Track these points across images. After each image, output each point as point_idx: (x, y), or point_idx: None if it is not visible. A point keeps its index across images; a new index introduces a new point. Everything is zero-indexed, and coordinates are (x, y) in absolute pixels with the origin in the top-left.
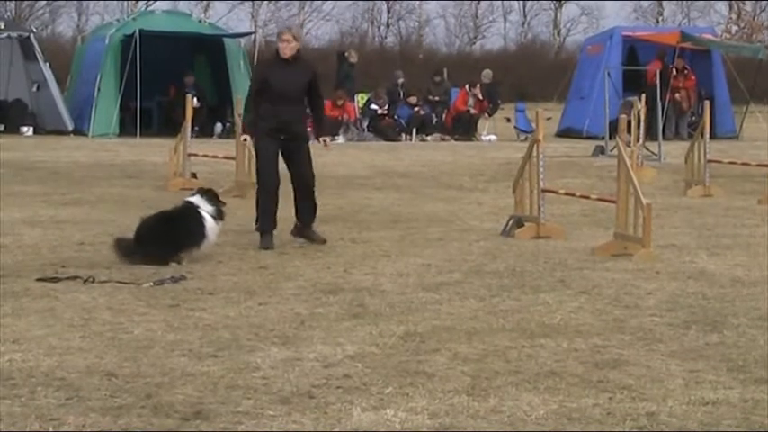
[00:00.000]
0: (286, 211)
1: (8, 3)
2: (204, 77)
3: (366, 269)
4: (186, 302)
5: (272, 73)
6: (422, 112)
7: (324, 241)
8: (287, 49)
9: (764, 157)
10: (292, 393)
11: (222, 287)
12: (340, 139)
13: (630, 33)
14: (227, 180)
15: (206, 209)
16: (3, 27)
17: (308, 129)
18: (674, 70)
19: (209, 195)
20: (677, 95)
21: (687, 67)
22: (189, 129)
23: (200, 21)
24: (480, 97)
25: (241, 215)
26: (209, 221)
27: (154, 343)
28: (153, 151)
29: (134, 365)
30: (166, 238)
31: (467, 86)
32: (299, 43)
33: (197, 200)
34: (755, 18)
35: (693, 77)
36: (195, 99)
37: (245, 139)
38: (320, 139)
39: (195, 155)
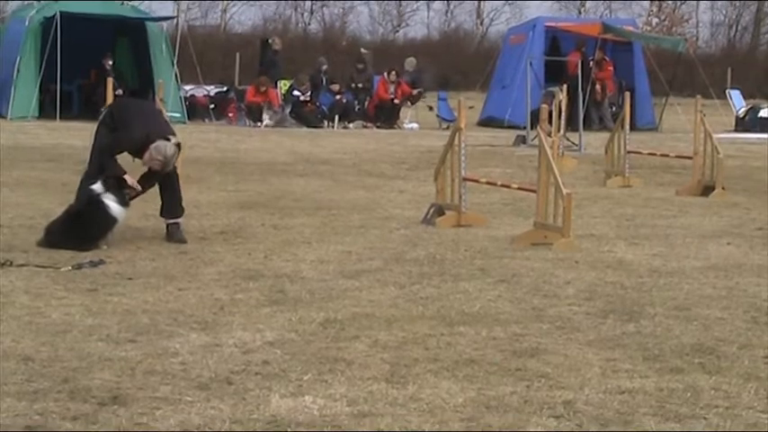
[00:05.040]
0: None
1: None
2: (126, 61)
3: (287, 256)
4: (105, 287)
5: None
6: (344, 100)
7: (184, 241)
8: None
9: (683, 149)
10: (211, 379)
11: (141, 272)
12: (267, 121)
13: (553, 24)
14: None
15: (108, 197)
16: None
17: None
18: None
19: (110, 183)
20: (597, 87)
21: (605, 57)
22: None
23: (122, 3)
24: (399, 81)
25: None
26: (113, 207)
27: (72, 327)
28: (73, 135)
29: (51, 350)
30: (77, 233)
31: (385, 74)
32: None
33: (98, 187)
34: (676, 11)
35: (610, 68)
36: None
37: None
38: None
39: None
